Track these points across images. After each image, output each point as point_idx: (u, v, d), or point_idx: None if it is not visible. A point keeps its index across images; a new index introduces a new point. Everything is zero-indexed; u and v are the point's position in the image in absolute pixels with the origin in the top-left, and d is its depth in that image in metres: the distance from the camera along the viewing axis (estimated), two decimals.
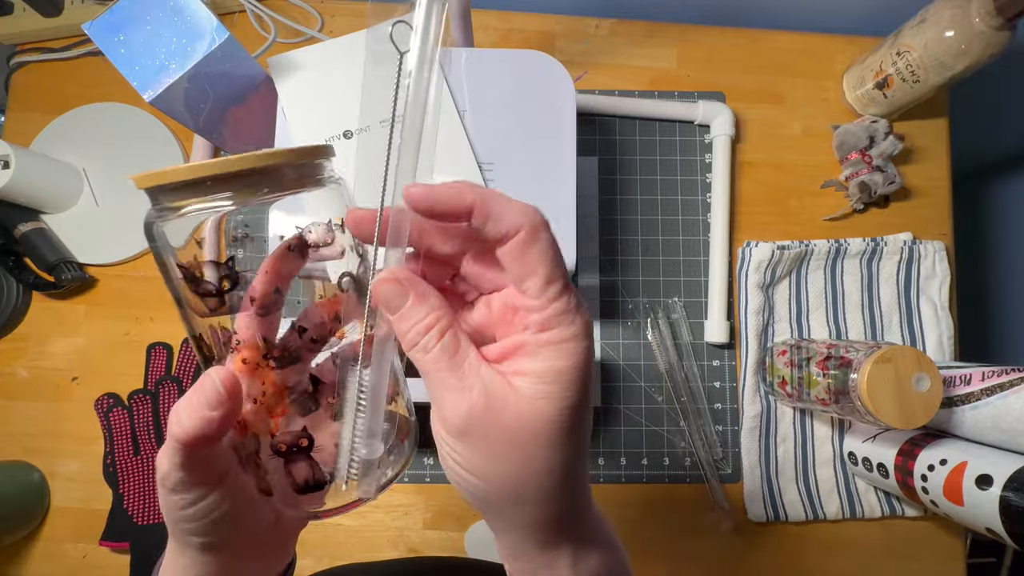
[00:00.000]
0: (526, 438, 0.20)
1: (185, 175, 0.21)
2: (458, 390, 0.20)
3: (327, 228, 0.24)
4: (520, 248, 0.21)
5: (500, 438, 0.20)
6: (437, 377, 0.21)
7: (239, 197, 0.22)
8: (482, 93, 0.47)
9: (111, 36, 0.41)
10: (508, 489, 0.21)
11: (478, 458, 0.21)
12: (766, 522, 0.60)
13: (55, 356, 0.61)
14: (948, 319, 0.62)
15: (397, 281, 0.21)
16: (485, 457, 0.21)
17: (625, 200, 0.64)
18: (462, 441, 0.21)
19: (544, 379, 0.20)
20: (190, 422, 0.21)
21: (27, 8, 0.63)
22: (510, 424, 0.20)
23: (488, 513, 0.23)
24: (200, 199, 0.21)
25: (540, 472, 0.21)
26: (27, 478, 0.58)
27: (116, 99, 0.64)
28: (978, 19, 0.52)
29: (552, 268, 0.21)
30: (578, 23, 0.67)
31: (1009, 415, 0.48)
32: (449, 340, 0.21)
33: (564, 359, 0.21)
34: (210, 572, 0.26)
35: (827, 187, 0.65)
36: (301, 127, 0.46)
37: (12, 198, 0.57)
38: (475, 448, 0.21)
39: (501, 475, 0.21)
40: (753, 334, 0.61)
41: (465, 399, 0.20)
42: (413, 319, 0.21)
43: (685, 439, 0.61)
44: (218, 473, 0.24)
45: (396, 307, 0.21)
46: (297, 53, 0.47)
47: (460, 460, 0.21)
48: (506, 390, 0.21)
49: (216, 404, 0.22)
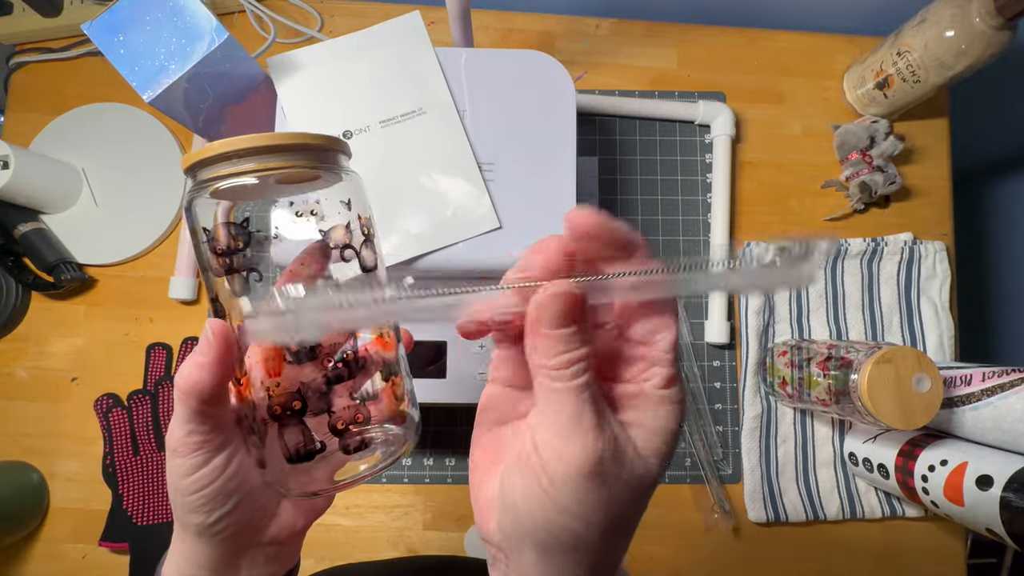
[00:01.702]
0: (636, 492, 0.20)
1: (219, 148, 0.24)
2: (595, 429, 0.19)
3: (344, 230, 0.26)
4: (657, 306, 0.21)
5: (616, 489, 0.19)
6: (570, 412, 0.19)
7: (264, 171, 0.24)
8: (482, 93, 0.47)
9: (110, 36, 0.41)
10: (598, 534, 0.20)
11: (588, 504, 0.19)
12: (766, 523, 0.60)
13: (54, 356, 0.61)
14: (948, 319, 0.62)
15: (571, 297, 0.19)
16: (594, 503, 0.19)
17: (625, 200, 0.64)
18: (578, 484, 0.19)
19: (658, 436, 0.20)
20: (186, 371, 0.24)
21: (27, 8, 0.62)
22: (626, 476, 0.20)
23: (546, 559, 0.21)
24: (230, 170, 0.24)
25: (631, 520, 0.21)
26: (26, 478, 0.58)
27: (115, 99, 0.64)
28: (978, 19, 0.51)
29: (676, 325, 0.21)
30: (578, 23, 0.67)
31: (1010, 415, 0.48)
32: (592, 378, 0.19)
33: (674, 420, 0.21)
34: (211, 558, 0.26)
35: (827, 187, 0.65)
36: (301, 127, 0.46)
37: (11, 198, 0.57)
38: (589, 493, 0.19)
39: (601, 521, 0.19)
40: (753, 334, 0.61)
41: (600, 441, 0.19)
42: (571, 343, 0.19)
43: (685, 439, 0.61)
44: (221, 434, 0.25)
45: (560, 323, 0.19)
46: (297, 53, 0.47)
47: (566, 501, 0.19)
48: (627, 441, 0.20)
49: (207, 350, 0.24)
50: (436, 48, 0.47)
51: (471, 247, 0.45)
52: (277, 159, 0.24)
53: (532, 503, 0.20)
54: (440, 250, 0.45)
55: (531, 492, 0.20)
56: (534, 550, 0.20)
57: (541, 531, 0.20)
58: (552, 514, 0.19)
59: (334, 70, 0.47)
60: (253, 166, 0.24)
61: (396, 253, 0.44)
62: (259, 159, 0.24)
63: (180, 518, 0.26)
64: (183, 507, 0.25)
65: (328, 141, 0.26)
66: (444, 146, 0.46)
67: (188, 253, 0.61)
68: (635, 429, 0.20)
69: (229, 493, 0.25)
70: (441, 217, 0.45)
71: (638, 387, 0.21)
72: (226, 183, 0.24)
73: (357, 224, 0.27)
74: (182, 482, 0.25)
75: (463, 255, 0.45)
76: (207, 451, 0.25)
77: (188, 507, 0.25)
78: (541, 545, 0.20)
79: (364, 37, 0.47)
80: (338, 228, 0.27)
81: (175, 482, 0.25)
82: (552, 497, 0.19)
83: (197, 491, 0.25)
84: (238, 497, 0.26)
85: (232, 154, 0.23)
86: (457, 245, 0.45)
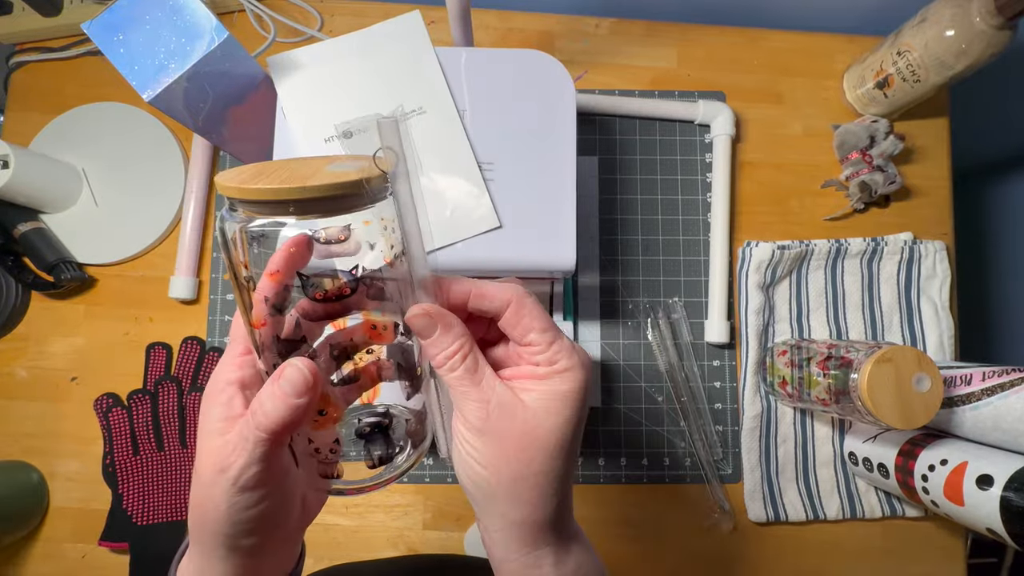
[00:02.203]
0: (530, 442, 0.25)
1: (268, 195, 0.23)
2: (478, 400, 0.25)
3: (341, 228, 0.25)
4: (515, 315, 0.26)
5: (510, 440, 0.25)
6: (461, 390, 0.25)
7: (305, 216, 0.23)
8: (482, 93, 0.47)
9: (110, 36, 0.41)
10: (510, 484, 0.25)
11: (490, 454, 0.25)
12: (766, 522, 0.60)
13: (54, 356, 0.61)
14: (948, 319, 0.62)
15: (427, 315, 0.25)
16: (496, 454, 0.25)
17: (625, 200, 0.64)
18: (480, 438, 0.25)
19: (548, 397, 0.25)
20: (276, 412, 0.23)
21: (26, 8, 0.62)
22: (519, 428, 0.25)
23: (487, 510, 0.26)
24: (270, 215, 0.23)
25: (537, 473, 0.25)
26: (26, 478, 0.58)
27: (115, 99, 0.64)
28: (978, 19, 0.51)
29: (544, 320, 0.27)
30: (578, 23, 0.67)
31: (1010, 415, 0.48)
32: (470, 362, 0.26)
33: (565, 384, 0.26)
34: (237, 570, 0.26)
35: (827, 187, 0.65)
36: (301, 127, 0.46)
37: (11, 198, 0.57)
38: (489, 445, 0.25)
39: (507, 471, 0.25)
40: (753, 334, 0.61)
41: (483, 406, 0.25)
42: (441, 346, 0.26)
43: (685, 439, 0.61)
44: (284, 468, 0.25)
45: (427, 335, 0.26)
46: (297, 53, 0.47)
47: (475, 455, 0.25)
48: (516, 402, 0.25)
49: (304, 391, 0.23)
50: (436, 48, 0.47)
51: (471, 246, 0.45)
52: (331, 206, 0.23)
53: (458, 459, 0.26)
54: (440, 249, 0.45)
55: (456, 451, 0.26)
56: (475, 504, 0.27)
57: (467, 481, 0.26)
58: (468, 465, 0.26)
59: (334, 70, 0.47)
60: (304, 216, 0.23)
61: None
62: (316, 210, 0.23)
63: (210, 538, 0.25)
64: (225, 531, 0.25)
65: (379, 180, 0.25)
66: (444, 146, 0.46)
67: (188, 253, 0.61)
68: (527, 393, 0.26)
69: (271, 517, 0.25)
70: (441, 217, 0.45)
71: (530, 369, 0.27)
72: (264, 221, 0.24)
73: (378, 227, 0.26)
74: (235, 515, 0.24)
75: (463, 254, 0.45)
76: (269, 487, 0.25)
77: (231, 534, 0.25)
78: (474, 499, 0.26)
79: (364, 37, 0.47)
80: (332, 228, 0.25)
81: (224, 511, 0.24)
82: (467, 451, 0.25)
83: (247, 522, 0.25)
84: (276, 519, 0.26)
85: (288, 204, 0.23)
86: (456, 245, 0.45)
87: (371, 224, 0.25)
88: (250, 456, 0.23)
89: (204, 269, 0.62)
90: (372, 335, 0.28)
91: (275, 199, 0.23)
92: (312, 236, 0.25)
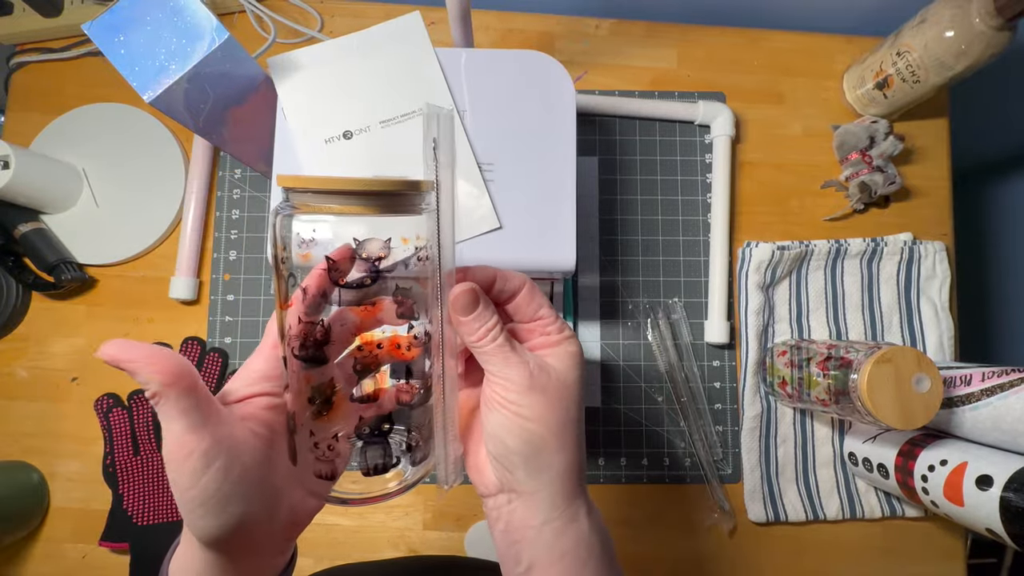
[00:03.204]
0: (566, 394, 0.29)
1: (316, 184, 0.25)
2: (519, 364, 0.28)
3: (383, 244, 0.27)
4: (529, 294, 0.30)
5: (552, 393, 0.28)
6: (505, 357, 0.28)
7: (351, 211, 0.26)
8: (482, 93, 0.47)
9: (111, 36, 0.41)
10: (558, 431, 0.28)
11: (539, 408, 0.28)
12: (766, 522, 0.60)
13: (55, 356, 0.61)
14: (948, 319, 0.62)
15: (473, 290, 0.28)
16: (544, 407, 0.28)
17: (625, 200, 0.64)
18: (528, 396, 0.28)
19: (565, 358, 0.30)
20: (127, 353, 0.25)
21: (27, 8, 0.62)
22: (555, 383, 0.29)
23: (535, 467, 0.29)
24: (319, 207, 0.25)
25: (574, 420, 0.29)
26: (26, 478, 0.58)
27: (116, 99, 0.64)
28: (978, 19, 0.52)
29: (547, 300, 0.31)
30: (578, 23, 0.67)
31: (1009, 415, 0.48)
32: (505, 336, 0.29)
33: (573, 346, 0.30)
34: (218, 561, 0.26)
35: (827, 187, 0.65)
36: (301, 127, 0.46)
37: (12, 198, 0.57)
38: (536, 401, 0.28)
39: (553, 420, 0.28)
40: (753, 334, 0.61)
41: (525, 368, 0.28)
42: (483, 319, 0.28)
43: (685, 439, 0.61)
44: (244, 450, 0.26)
45: (470, 312, 0.28)
46: (297, 53, 0.47)
47: (526, 411, 0.28)
48: (546, 363, 0.29)
49: None
50: (436, 48, 0.47)
51: (471, 247, 0.45)
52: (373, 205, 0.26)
53: (508, 425, 0.28)
54: None
55: (504, 418, 0.28)
56: (521, 466, 0.28)
57: (518, 441, 0.28)
58: (519, 425, 0.28)
59: (334, 70, 0.47)
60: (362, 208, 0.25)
61: (395, 253, 0.44)
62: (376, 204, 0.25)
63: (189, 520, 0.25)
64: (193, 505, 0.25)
65: (424, 186, 0.27)
66: None
67: (188, 253, 0.61)
68: (549, 358, 0.30)
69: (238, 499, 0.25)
70: None
71: (544, 339, 0.31)
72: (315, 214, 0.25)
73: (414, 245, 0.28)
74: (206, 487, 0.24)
75: (463, 255, 0.45)
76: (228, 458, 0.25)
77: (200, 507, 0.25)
78: (522, 456, 0.28)
79: (364, 37, 0.47)
80: (374, 241, 0.27)
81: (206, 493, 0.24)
82: (516, 412, 0.28)
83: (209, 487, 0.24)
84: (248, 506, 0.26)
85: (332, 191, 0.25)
86: (457, 245, 0.45)
87: (409, 243, 0.27)
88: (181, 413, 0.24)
89: (204, 270, 0.62)
90: (397, 354, 0.29)
91: (332, 189, 0.25)
92: (355, 250, 0.27)
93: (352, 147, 0.46)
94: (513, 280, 0.30)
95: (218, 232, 0.63)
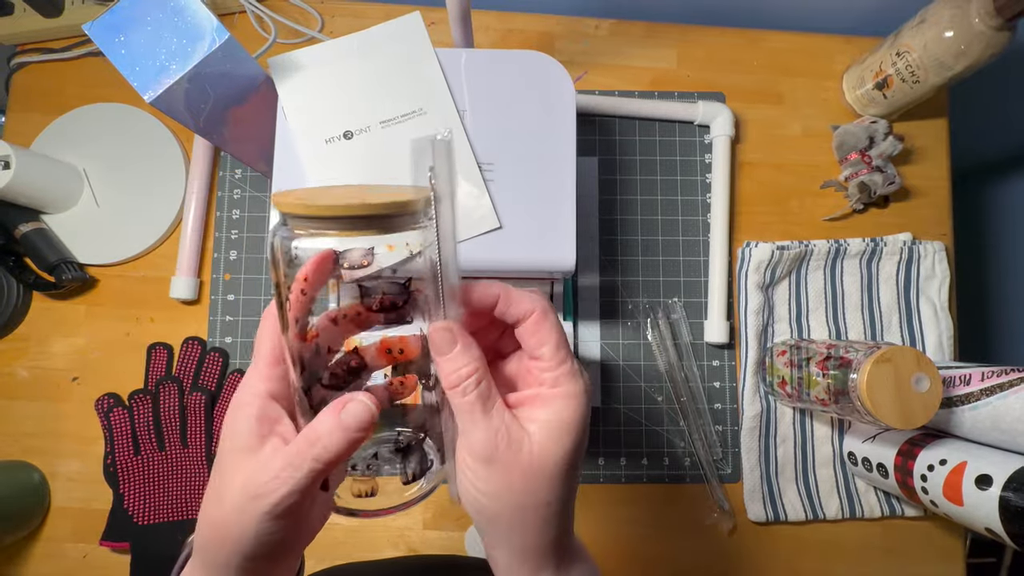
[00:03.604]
0: (535, 473, 0.25)
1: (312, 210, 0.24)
2: (487, 429, 0.24)
3: (364, 252, 0.26)
4: (535, 324, 0.26)
5: (516, 471, 0.24)
6: (472, 417, 0.25)
7: (349, 234, 0.24)
8: (482, 93, 0.47)
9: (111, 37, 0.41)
10: (513, 513, 0.25)
11: (495, 484, 0.25)
12: (766, 522, 0.60)
13: (55, 356, 0.61)
14: (948, 319, 0.62)
15: (448, 330, 0.25)
16: (501, 484, 0.25)
17: (625, 200, 0.64)
18: (486, 468, 0.25)
19: (552, 427, 0.25)
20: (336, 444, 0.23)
21: (27, 8, 0.63)
22: (525, 460, 0.25)
23: (490, 533, 0.27)
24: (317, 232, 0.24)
25: (541, 504, 0.25)
26: (27, 478, 0.58)
27: (116, 99, 0.64)
28: (978, 19, 0.52)
29: (560, 338, 0.26)
30: (578, 23, 0.67)
31: (1009, 415, 0.48)
32: (484, 387, 0.25)
33: (570, 411, 0.25)
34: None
35: (827, 187, 0.65)
36: (301, 127, 0.46)
37: (12, 198, 0.57)
38: (495, 476, 0.25)
39: (512, 501, 0.25)
40: (753, 334, 0.61)
41: (491, 436, 0.24)
42: (457, 363, 0.25)
43: (685, 439, 0.61)
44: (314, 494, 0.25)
45: (445, 351, 0.25)
46: (297, 53, 0.47)
47: (480, 484, 0.25)
48: (522, 434, 0.25)
49: (368, 426, 0.24)
50: (436, 48, 0.47)
51: (471, 247, 0.45)
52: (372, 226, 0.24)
53: (463, 484, 0.25)
54: None
55: (461, 475, 0.25)
56: (478, 529, 0.26)
57: (471, 507, 0.26)
58: (471, 494, 0.25)
59: (335, 70, 0.47)
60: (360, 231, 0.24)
61: (395, 253, 0.45)
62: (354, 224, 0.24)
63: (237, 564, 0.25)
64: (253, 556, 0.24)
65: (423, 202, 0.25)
66: None
67: (189, 253, 0.61)
68: (533, 424, 0.25)
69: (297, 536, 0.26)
70: None
71: (535, 391, 0.26)
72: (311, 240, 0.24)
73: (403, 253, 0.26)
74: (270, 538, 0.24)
75: (463, 255, 0.44)
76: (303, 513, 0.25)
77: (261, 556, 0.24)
78: (476, 520, 0.26)
79: (364, 38, 0.47)
80: (355, 250, 0.25)
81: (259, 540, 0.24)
82: (471, 480, 0.25)
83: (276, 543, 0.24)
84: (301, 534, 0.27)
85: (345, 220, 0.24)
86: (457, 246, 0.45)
87: (395, 250, 0.25)
88: (295, 485, 0.23)
89: (205, 269, 0.62)
90: (387, 359, 0.27)
91: (330, 215, 0.24)
92: (336, 260, 0.26)
93: (352, 147, 0.46)
94: (519, 305, 0.26)
95: (218, 232, 0.63)
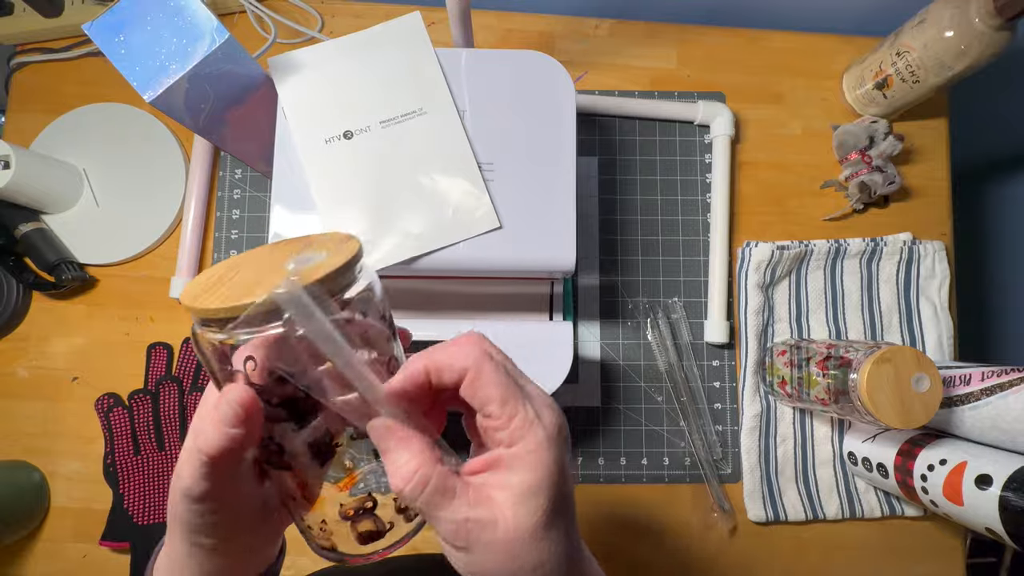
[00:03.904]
0: (515, 545, 0.23)
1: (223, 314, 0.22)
2: (452, 521, 0.23)
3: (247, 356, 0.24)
4: (471, 386, 0.23)
5: (495, 549, 0.23)
6: (432, 512, 0.23)
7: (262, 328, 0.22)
8: (482, 93, 0.47)
9: (111, 37, 0.41)
10: None
11: (480, 565, 0.23)
12: (766, 522, 0.60)
13: (55, 356, 0.61)
14: (948, 319, 0.62)
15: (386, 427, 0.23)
16: (487, 564, 0.23)
17: (625, 200, 0.64)
18: (465, 555, 0.23)
19: (521, 493, 0.23)
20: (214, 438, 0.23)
21: (27, 8, 0.63)
22: (501, 538, 0.23)
23: None
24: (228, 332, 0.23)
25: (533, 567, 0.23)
26: (27, 478, 0.58)
27: (116, 99, 0.64)
28: (978, 19, 0.52)
29: (503, 390, 0.23)
30: (578, 23, 0.67)
31: (1008, 415, 0.48)
32: (435, 481, 0.23)
33: (534, 471, 0.23)
34: (207, 561, 0.27)
35: (827, 187, 0.65)
36: (301, 127, 0.46)
37: (12, 198, 0.57)
38: (476, 559, 0.23)
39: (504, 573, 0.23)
40: (753, 334, 0.61)
41: (461, 527, 0.23)
42: (397, 462, 0.23)
43: (685, 439, 0.61)
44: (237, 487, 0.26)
45: (384, 448, 0.23)
46: (297, 53, 0.47)
47: (465, 568, 0.24)
48: (492, 512, 0.23)
49: (237, 422, 0.23)
50: (436, 48, 0.47)
51: (471, 247, 0.45)
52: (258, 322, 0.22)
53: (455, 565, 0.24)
54: (440, 250, 0.45)
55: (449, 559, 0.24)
56: None
57: None
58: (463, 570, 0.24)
59: (334, 70, 0.47)
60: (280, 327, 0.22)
61: (395, 253, 0.45)
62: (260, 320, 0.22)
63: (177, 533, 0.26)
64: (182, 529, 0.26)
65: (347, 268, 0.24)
66: (444, 146, 0.46)
67: (189, 253, 0.61)
68: (501, 493, 0.23)
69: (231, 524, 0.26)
70: (441, 217, 0.45)
71: (497, 453, 0.24)
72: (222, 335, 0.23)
73: None
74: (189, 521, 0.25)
75: (463, 255, 0.45)
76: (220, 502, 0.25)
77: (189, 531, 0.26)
78: None
79: (364, 37, 0.47)
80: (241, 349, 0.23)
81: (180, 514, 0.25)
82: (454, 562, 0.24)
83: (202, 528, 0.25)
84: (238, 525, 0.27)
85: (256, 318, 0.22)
86: (457, 245, 0.45)
87: None
88: (196, 472, 0.24)
89: (205, 269, 0.62)
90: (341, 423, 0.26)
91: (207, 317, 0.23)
92: None
93: (352, 147, 0.46)
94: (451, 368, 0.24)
95: (218, 232, 0.63)
